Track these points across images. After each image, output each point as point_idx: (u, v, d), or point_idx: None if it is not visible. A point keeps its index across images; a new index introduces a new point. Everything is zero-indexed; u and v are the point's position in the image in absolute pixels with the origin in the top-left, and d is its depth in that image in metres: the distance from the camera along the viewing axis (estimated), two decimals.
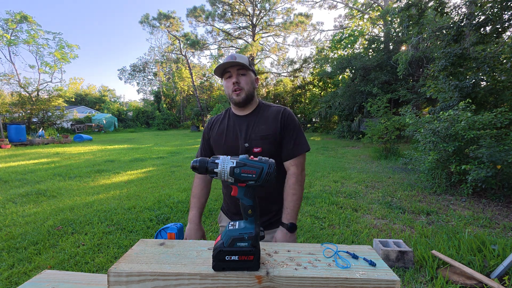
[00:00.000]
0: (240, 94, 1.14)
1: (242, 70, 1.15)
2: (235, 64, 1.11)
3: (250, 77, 1.17)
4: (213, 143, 1.26)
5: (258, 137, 1.14)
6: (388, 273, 0.68)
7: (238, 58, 1.12)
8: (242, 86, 1.14)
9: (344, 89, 14.80)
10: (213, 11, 23.56)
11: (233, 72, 1.14)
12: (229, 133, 1.21)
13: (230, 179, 0.68)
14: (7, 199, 4.06)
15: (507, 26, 5.10)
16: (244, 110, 1.22)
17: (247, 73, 1.16)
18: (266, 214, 1.22)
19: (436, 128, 4.33)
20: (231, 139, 1.19)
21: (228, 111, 1.30)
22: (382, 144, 8.30)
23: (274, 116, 1.18)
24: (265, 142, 1.14)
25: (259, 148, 1.13)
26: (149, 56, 37.18)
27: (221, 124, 1.26)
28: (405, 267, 2.24)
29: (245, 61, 1.14)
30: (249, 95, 1.17)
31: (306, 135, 2.68)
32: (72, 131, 21.75)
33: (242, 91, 1.14)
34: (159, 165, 7.04)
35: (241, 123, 1.20)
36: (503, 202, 3.85)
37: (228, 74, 1.16)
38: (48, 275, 0.89)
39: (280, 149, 1.18)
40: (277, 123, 1.16)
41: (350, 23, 22.26)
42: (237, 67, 1.14)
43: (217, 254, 0.67)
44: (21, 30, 18.74)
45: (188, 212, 1.92)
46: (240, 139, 1.17)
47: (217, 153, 1.23)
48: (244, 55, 1.20)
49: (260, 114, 1.20)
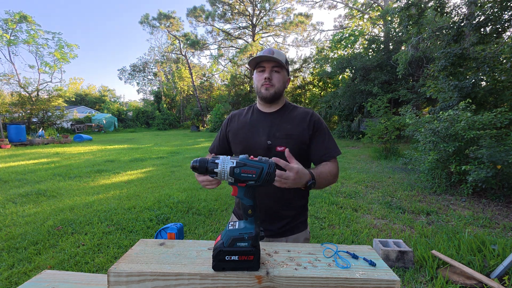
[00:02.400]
0: (269, 89, 1.10)
1: (277, 68, 1.11)
2: (271, 59, 1.08)
3: (283, 75, 1.13)
4: (232, 137, 1.20)
5: (283, 135, 1.09)
6: (388, 273, 0.68)
7: (275, 54, 1.08)
8: (274, 83, 1.10)
9: (344, 89, 14.78)
10: (213, 11, 23.57)
11: (267, 67, 1.10)
12: (251, 128, 1.15)
13: (230, 179, 0.68)
14: (7, 199, 4.06)
15: (507, 26, 5.10)
16: (270, 107, 1.17)
17: (281, 71, 1.12)
18: (279, 220, 1.14)
19: (436, 128, 4.33)
20: (252, 135, 1.14)
21: (253, 107, 1.25)
22: (382, 144, 8.30)
23: (302, 117, 1.14)
24: (289, 142, 1.08)
25: (282, 147, 1.07)
26: (149, 56, 37.30)
27: (243, 118, 1.21)
28: (405, 267, 2.24)
29: (282, 58, 1.10)
30: (278, 93, 1.12)
31: None
32: (72, 131, 21.73)
33: (272, 87, 1.10)
34: (159, 165, 7.03)
35: (265, 120, 1.15)
36: (503, 202, 3.85)
37: (262, 68, 1.12)
38: (48, 275, 0.89)
39: (304, 151, 1.12)
40: (305, 124, 1.12)
41: (350, 23, 22.26)
42: (272, 63, 1.10)
43: (217, 254, 0.67)
44: (20, 30, 18.73)
45: (188, 212, 1.96)
46: (262, 135, 1.11)
47: (235, 148, 1.20)
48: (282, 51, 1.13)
49: (287, 113, 1.16)
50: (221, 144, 1.26)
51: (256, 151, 1.10)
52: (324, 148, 1.11)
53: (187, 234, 2.92)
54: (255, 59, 1.10)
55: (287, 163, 0.85)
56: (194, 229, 3.03)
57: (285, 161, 0.86)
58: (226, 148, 1.26)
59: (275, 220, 1.13)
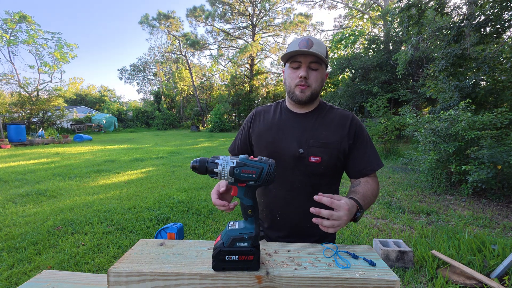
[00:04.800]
0: (305, 92, 0.93)
1: (316, 64, 0.92)
2: (309, 54, 0.89)
3: (322, 73, 0.95)
4: (256, 138, 1.04)
5: (318, 144, 0.93)
6: (388, 273, 0.68)
7: (315, 46, 0.89)
8: (311, 83, 0.93)
9: (344, 89, 14.79)
10: (213, 11, 23.59)
11: (304, 62, 0.91)
12: (280, 131, 0.98)
13: (230, 179, 0.68)
14: (7, 199, 4.06)
15: (507, 26, 5.10)
16: (303, 107, 1.00)
17: (320, 68, 0.93)
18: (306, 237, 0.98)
19: (436, 128, 4.33)
20: (280, 139, 0.97)
21: (280, 104, 1.07)
22: (382, 144, 8.30)
23: (340, 121, 0.97)
24: (325, 152, 0.93)
25: (317, 158, 0.93)
26: (149, 56, 37.22)
27: (270, 118, 1.03)
28: (405, 267, 2.24)
29: (323, 51, 0.91)
30: (315, 94, 0.95)
31: None
32: (72, 131, 21.72)
33: (309, 88, 0.93)
34: (159, 165, 7.03)
35: (297, 123, 0.98)
36: (503, 202, 3.85)
37: (297, 64, 0.93)
38: (48, 275, 0.89)
39: (341, 162, 0.97)
40: (344, 130, 0.95)
41: (350, 23, 22.28)
42: (310, 57, 0.91)
43: (217, 254, 0.67)
44: (20, 30, 18.72)
45: (188, 212, 1.94)
46: (292, 142, 0.95)
47: (259, 153, 1.03)
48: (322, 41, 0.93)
49: (322, 116, 0.99)
50: (243, 146, 1.11)
51: (284, 160, 0.95)
52: (366, 160, 0.96)
53: (187, 234, 2.92)
54: (289, 54, 0.92)
55: (332, 200, 0.74)
56: (194, 229, 3.03)
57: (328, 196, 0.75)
58: (249, 150, 1.10)
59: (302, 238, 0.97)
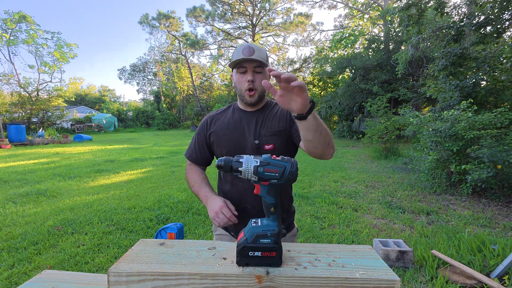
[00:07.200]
0: (254, 96, 1.07)
1: (259, 68, 1.05)
2: (252, 60, 1.02)
3: (265, 75, 1.07)
4: (215, 139, 1.15)
5: (269, 133, 1.07)
6: (388, 273, 0.68)
7: (256, 52, 1.01)
8: (257, 86, 1.06)
9: (344, 89, 14.79)
10: (213, 11, 23.59)
11: (249, 68, 1.04)
12: (235, 129, 1.11)
13: (254, 177, 0.70)
14: (7, 199, 4.06)
15: (507, 26, 5.10)
16: (253, 107, 1.14)
17: (263, 71, 1.06)
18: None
19: (439, 128, 4.33)
20: (237, 136, 1.10)
21: (232, 106, 1.21)
22: (382, 144, 8.30)
23: (283, 111, 1.12)
24: (277, 139, 1.07)
25: (270, 145, 1.06)
26: (149, 56, 37.10)
27: (225, 119, 1.16)
28: (405, 267, 2.24)
29: (263, 57, 1.04)
30: (262, 95, 1.10)
31: None
32: (72, 131, 21.73)
33: (256, 92, 1.07)
34: (159, 165, 7.03)
35: (249, 119, 1.12)
36: (503, 202, 3.85)
37: (243, 69, 1.06)
38: (48, 275, 0.89)
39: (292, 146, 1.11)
40: (287, 117, 1.10)
41: (350, 23, 22.28)
42: (254, 63, 1.03)
43: (241, 249, 0.69)
44: (20, 30, 18.73)
45: (188, 212, 1.93)
46: (249, 135, 1.08)
47: (219, 151, 1.15)
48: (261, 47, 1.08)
49: (269, 111, 1.13)
50: (200, 149, 1.20)
51: (244, 152, 1.06)
52: None
53: (187, 234, 2.92)
54: (234, 62, 1.04)
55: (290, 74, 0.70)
56: (194, 229, 3.03)
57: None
58: (207, 152, 1.20)
59: None
